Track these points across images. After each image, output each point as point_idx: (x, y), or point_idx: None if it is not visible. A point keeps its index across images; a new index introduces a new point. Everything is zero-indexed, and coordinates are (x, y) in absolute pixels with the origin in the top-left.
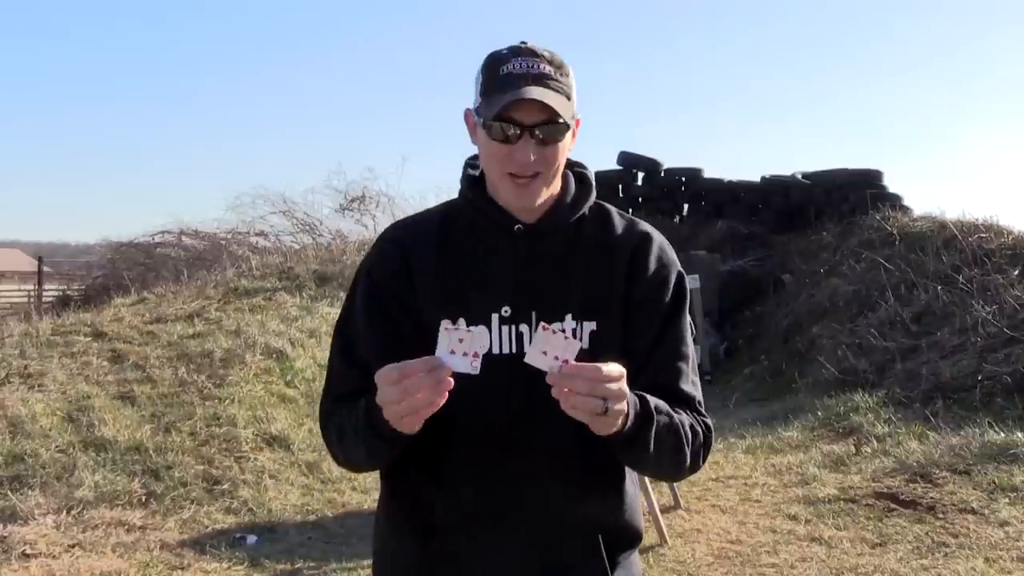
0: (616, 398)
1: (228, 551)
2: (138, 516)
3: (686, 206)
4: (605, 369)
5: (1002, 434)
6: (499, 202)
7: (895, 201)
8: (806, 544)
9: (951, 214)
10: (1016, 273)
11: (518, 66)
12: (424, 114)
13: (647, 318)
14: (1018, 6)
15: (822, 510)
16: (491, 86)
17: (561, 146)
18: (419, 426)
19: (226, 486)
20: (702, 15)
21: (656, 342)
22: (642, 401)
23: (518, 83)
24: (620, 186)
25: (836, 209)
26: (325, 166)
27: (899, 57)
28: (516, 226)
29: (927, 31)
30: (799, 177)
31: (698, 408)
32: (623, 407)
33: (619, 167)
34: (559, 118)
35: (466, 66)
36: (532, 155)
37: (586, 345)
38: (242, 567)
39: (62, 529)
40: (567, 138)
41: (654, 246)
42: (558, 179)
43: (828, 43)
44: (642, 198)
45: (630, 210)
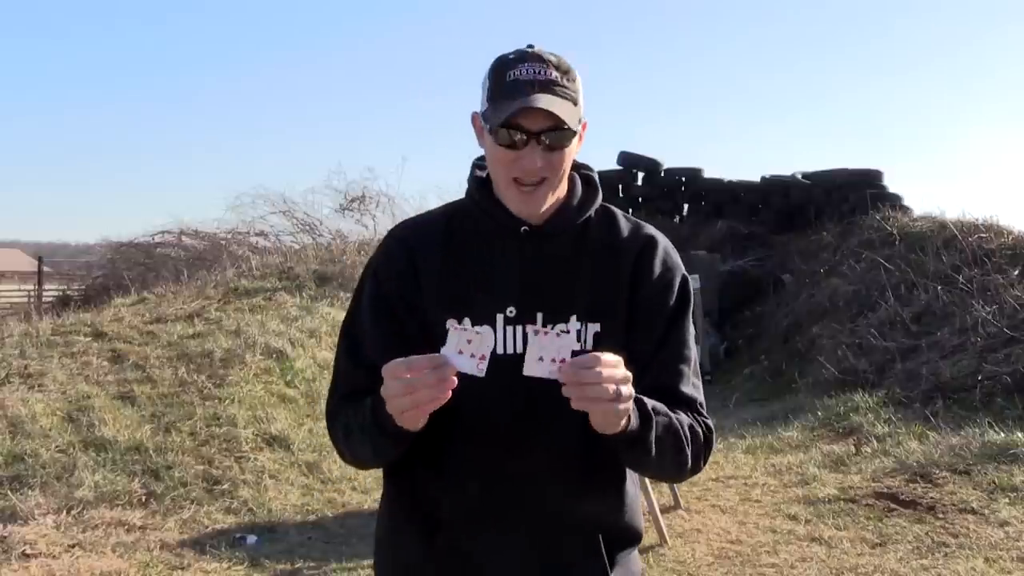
0: (623, 380)
1: (228, 551)
2: (138, 516)
3: (686, 206)
4: (603, 357)
5: (1002, 434)
6: (505, 204)
7: (895, 201)
8: (806, 544)
9: (951, 214)
10: (1016, 273)
11: (525, 72)
12: (424, 114)
13: (651, 321)
14: (1018, 6)
15: (822, 510)
16: (498, 92)
17: (567, 152)
18: (422, 422)
19: (226, 486)
20: (702, 15)
21: (659, 344)
22: (640, 403)
23: (525, 90)
24: (620, 186)
25: (836, 209)
26: (325, 166)
27: (899, 57)
28: (522, 227)
29: (927, 31)
30: (799, 177)
31: (699, 409)
32: (630, 390)
33: (619, 167)
34: (565, 125)
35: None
36: (539, 161)
37: (590, 346)
38: (242, 567)
39: (62, 529)
40: (573, 143)
41: (659, 249)
42: (564, 183)
43: (828, 43)
44: (642, 198)
45: (630, 210)
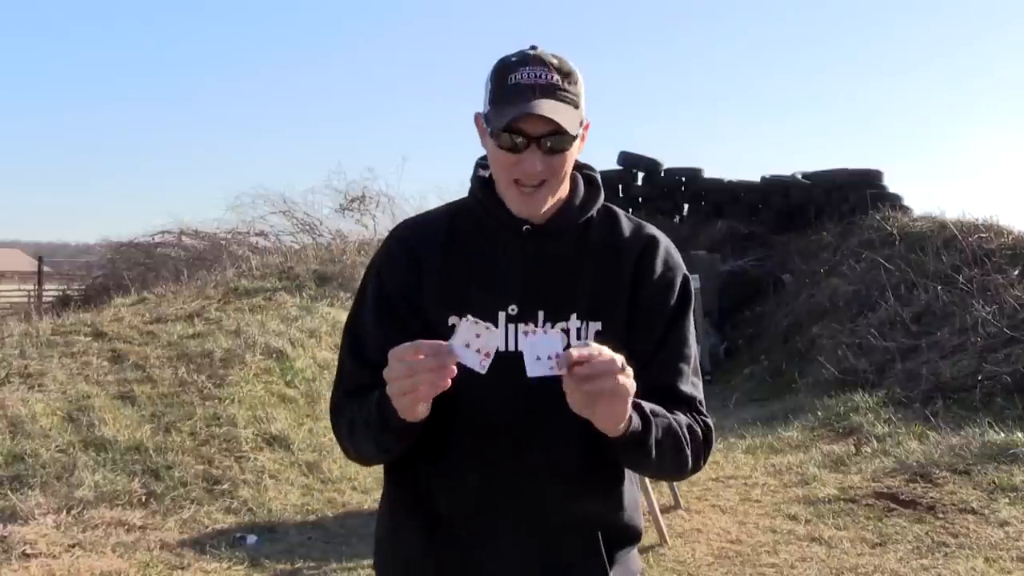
0: (621, 361)
1: (228, 551)
2: (138, 516)
3: (686, 206)
4: (595, 347)
5: (1002, 434)
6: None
7: (895, 201)
8: (806, 544)
9: (951, 214)
10: (1016, 273)
11: (526, 76)
12: (424, 114)
13: (651, 320)
14: (1018, 6)
15: (822, 510)
16: (500, 95)
17: (568, 154)
18: (422, 412)
19: (226, 486)
20: (702, 15)
21: (660, 344)
22: (638, 407)
23: (526, 95)
24: (620, 186)
25: (836, 209)
26: (325, 166)
27: (899, 57)
28: (524, 226)
29: (927, 31)
30: (799, 177)
31: (698, 408)
32: (630, 372)
33: (619, 167)
34: (565, 130)
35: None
36: (538, 165)
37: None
38: (242, 567)
39: (62, 529)
40: (574, 145)
41: (661, 249)
42: (566, 183)
43: (828, 43)
44: (642, 198)
45: (630, 210)
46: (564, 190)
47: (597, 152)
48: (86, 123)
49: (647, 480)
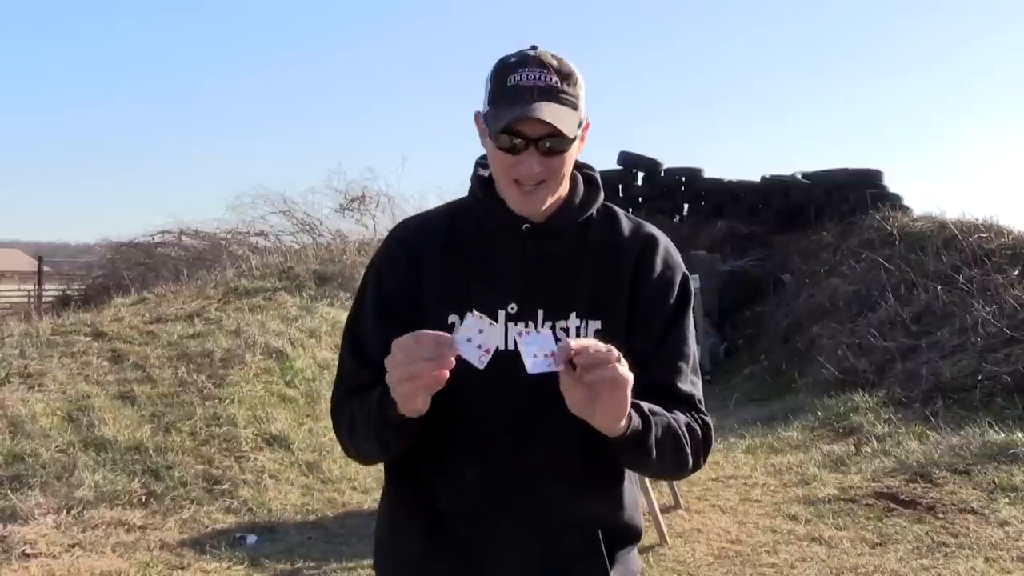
0: (614, 351)
1: (228, 551)
2: (138, 516)
3: (686, 206)
4: (589, 339)
5: (1002, 434)
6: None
7: (895, 201)
8: (806, 544)
9: (951, 214)
10: (1016, 273)
11: (525, 77)
12: (424, 114)
13: (651, 319)
14: (1018, 6)
15: (822, 510)
16: (499, 96)
17: (567, 155)
18: (420, 404)
19: (226, 486)
20: (702, 15)
21: (659, 342)
22: (637, 407)
23: (525, 97)
24: (620, 186)
25: (836, 209)
26: (325, 166)
27: (899, 57)
28: (524, 225)
29: (927, 31)
30: (799, 177)
31: (697, 406)
32: (626, 363)
33: (619, 167)
34: (563, 133)
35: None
36: (536, 166)
37: None
38: (242, 567)
39: (62, 529)
40: (574, 146)
41: (660, 248)
42: (566, 182)
43: (828, 43)
44: (642, 198)
45: (630, 210)
46: (564, 189)
47: (597, 152)
48: (86, 123)
49: (647, 480)
